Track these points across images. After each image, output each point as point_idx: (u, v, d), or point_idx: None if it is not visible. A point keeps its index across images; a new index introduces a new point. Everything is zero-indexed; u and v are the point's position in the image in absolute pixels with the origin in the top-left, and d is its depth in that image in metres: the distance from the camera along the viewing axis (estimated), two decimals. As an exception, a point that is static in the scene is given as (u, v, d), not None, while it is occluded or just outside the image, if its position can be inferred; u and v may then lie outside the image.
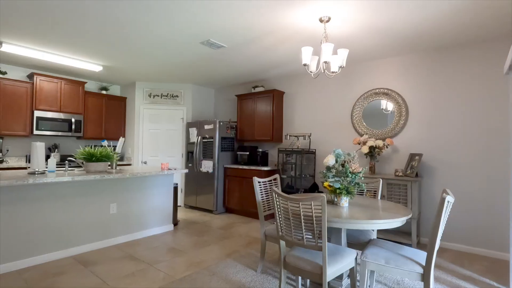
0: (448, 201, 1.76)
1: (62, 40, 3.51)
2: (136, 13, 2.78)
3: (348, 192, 2.23)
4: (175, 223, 4.23)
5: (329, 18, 2.76)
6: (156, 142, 5.69)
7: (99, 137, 5.44)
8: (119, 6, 2.64)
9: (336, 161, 2.36)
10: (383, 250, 2.07)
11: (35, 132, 4.57)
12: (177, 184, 4.35)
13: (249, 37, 3.33)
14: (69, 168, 3.51)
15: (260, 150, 4.92)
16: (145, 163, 5.63)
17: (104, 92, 5.64)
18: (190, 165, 5.45)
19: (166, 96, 5.71)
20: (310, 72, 2.88)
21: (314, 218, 1.78)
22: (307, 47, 2.67)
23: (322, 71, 2.73)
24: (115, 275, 2.58)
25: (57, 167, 4.18)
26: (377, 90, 3.98)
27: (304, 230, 1.85)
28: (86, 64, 4.41)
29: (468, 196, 3.33)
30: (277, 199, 1.96)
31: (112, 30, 3.19)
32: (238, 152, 5.19)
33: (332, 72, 2.78)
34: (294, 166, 4.48)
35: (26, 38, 3.47)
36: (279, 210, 1.97)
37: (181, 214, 5.01)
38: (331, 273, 1.82)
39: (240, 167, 4.90)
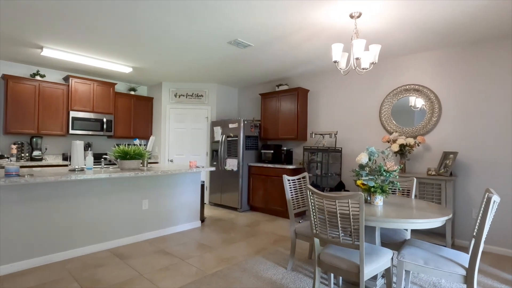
0: (494, 201, 1.69)
1: (95, 44, 3.68)
2: (167, 15, 2.86)
3: (383, 191, 2.19)
4: (202, 220, 4.32)
5: (360, 14, 2.71)
6: (182, 140, 5.83)
7: (128, 136, 5.65)
8: (152, 9, 2.73)
9: (370, 159, 2.32)
10: (420, 250, 2.01)
11: (71, 131, 4.82)
12: (203, 181, 4.44)
13: (276, 35, 3.33)
14: (104, 166, 3.67)
15: (285, 148, 4.91)
16: (171, 161, 5.78)
17: (132, 92, 5.84)
18: (214, 163, 5.53)
19: (191, 95, 5.84)
20: (340, 69, 2.85)
21: (351, 216, 1.76)
22: (338, 44, 2.63)
23: (353, 68, 2.68)
24: (150, 268, 2.68)
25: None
26: (407, 87, 3.86)
27: (340, 229, 1.83)
28: (117, 66, 4.59)
29: (509, 197, 3.16)
30: (311, 197, 1.96)
31: (143, 33, 3.30)
32: (262, 151, 5.22)
33: (363, 69, 2.73)
34: (320, 164, 4.44)
35: (63, 43, 3.66)
36: (313, 208, 1.97)
37: (207, 211, 5.11)
38: (368, 272, 1.79)
39: (265, 165, 4.92)
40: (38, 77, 4.64)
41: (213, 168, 4.06)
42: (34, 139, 4.62)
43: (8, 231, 2.55)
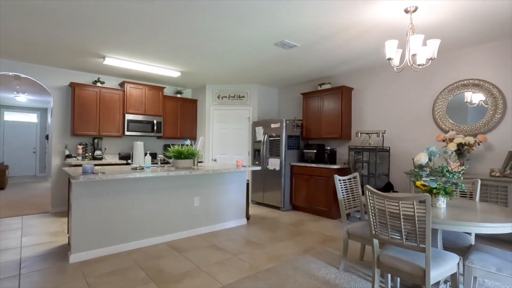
0: None
1: (150, 51, 3.96)
2: (218, 22, 3.00)
3: (446, 193, 2.09)
4: (247, 217, 4.44)
5: (416, 8, 2.61)
6: (224, 140, 6.03)
7: (175, 136, 5.98)
8: (204, 17, 2.88)
9: (430, 159, 2.23)
10: (492, 256, 1.90)
11: (126, 133, 5.23)
12: (248, 180, 4.56)
13: (323, 35, 3.32)
14: (160, 165, 3.95)
15: (328, 148, 4.86)
16: (215, 160, 6.01)
17: (178, 95, 6.17)
18: (256, 162, 5.64)
19: (233, 97, 6.01)
20: (393, 66, 2.76)
21: (416, 218, 1.72)
22: (392, 40, 2.56)
23: (409, 65, 2.59)
24: (206, 261, 2.84)
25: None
26: (465, 82, 3.61)
27: (403, 230, 1.80)
28: (167, 71, 4.89)
29: None
30: (370, 198, 1.94)
31: (193, 39, 3.48)
32: (304, 150, 5.21)
33: (419, 65, 2.62)
34: (367, 164, 4.33)
35: (123, 52, 4.00)
36: (372, 208, 1.95)
37: (250, 209, 5.23)
38: (434, 276, 1.74)
39: (307, 165, 4.91)
40: (99, 84, 5.11)
41: (258, 168, 4.15)
42: (95, 140, 5.10)
43: (84, 222, 2.86)
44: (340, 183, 2.74)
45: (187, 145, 3.77)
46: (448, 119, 3.75)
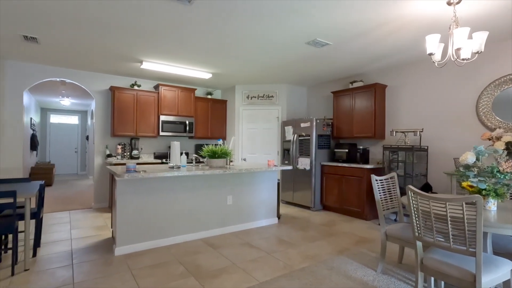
0: None
1: (183, 54, 4.11)
2: (250, 23, 3.04)
3: (497, 194, 1.97)
4: (278, 216, 4.46)
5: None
6: (254, 140, 6.09)
7: (206, 136, 6.14)
8: (237, 19, 2.94)
9: (477, 159, 2.11)
10: (551, 264, 1.76)
11: (161, 133, 5.47)
12: (279, 180, 4.58)
13: (357, 32, 3.25)
14: (195, 164, 4.09)
15: (361, 147, 4.74)
16: (245, 160, 6.09)
17: (209, 96, 6.33)
18: (286, 162, 5.64)
19: (262, 97, 6.05)
20: (435, 61, 2.64)
21: (466, 221, 1.64)
22: (434, 34, 2.45)
23: (453, 59, 2.46)
24: (241, 258, 2.90)
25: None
26: (514, 76, 3.36)
27: (451, 233, 1.72)
28: (199, 73, 5.04)
29: None
30: (413, 198, 1.88)
31: (226, 41, 3.56)
32: (335, 150, 5.12)
33: (463, 59, 2.48)
34: (403, 164, 4.17)
35: (159, 56, 4.18)
36: (415, 209, 1.89)
37: (280, 208, 5.24)
38: (485, 282, 1.65)
39: (339, 164, 4.83)
40: (135, 87, 5.38)
41: (289, 167, 4.16)
42: (133, 140, 5.39)
43: (127, 218, 3.05)
44: (377, 183, 2.68)
45: (220, 145, 3.87)
46: (494, 116, 3.51)
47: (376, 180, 2.67)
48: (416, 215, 1.89)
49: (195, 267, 2.70)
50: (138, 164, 5.03)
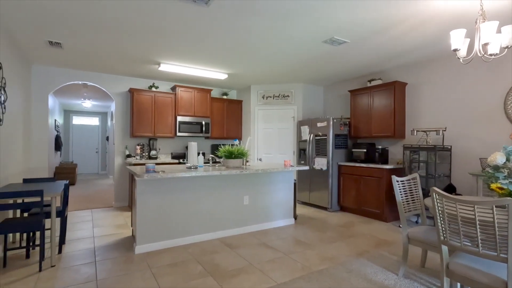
0: None
1: (200, 56, 4.15)
2: (267, 22, 3.03)
3: (530, 197, 1.86)
4: (295, 217, 4.43)
5: (487, -8, 2.35)
6: (269, 140, 6.07)
7: (221, 136, 6.19)
8: (254, 19, 2.93)
9: (508, 160, 2.01)
10: None
11: (178, 134, 5.55)
12: (295, 180, 4.54)
13: (375, 29, 3.17)
14: (212, 164, 4.13)
15: (380, 147, 4.62)
16: (260, 160, 6.09)
17: (224, 97, 6.38)
18: (302, 162, 5.59)
19: (278, 96, 6.02)
20: (459, 57, 2.53)
21: (496, 225, 1.56)
22: (459, 29, 2.35)
23: (479, 55, 2.35)
24: (258, 259, 2.90)
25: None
26: (546, 71, 3.16)
27: (479, 238, 1.64)
28: (215, 73, 5.08)
29: None
30: (438, 201, 1.81)
31: (242, 41, 3.57)
32: (353, 150, 5.02)
33: (491, 55, 2.36)
34: (424, 164, 4.03)
35: (176, 58, 4.25)
36: (441, 212, 1.82)
37: (296, 209, 5.20)
38: (518, 290, 1.56)
39: (357, 165, 4.73)
40: (153, 89, 5.50)
41: (306, 167, 4.11)
42: (151, 141, 5.50)
43: (147, 217, 3.11)
44: (398, 184, 2.60)
45: (236, 145, 3.88)
46: (524, 114, 3.33)
47: (397, 181, 2.59)
48: (442, 218, 1.82)
49: (213, 266, 2.72)
50: (156, 164, 5.14)
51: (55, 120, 7.91)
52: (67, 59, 4.37)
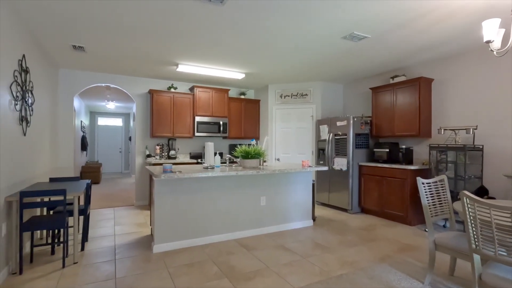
0: None
1: (216, 55, 4.14)
2: (284, 19, 2.95)
3: None
4: (314, 219, 4.32)
5: (526, -23, 2.15)
6: (287, 140, 5.98)
7: (239, 136, 6.17)
8: (270, 16, 2.87)
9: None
10: None
11: (196, 134, 5.60)
12: (314, 181, 4.43)
13: (398, 23, 3.00)
14: (229, 164, 4.11)
15: (403, 146, 4.40)
16: (278, 160, 6.01)
17: (242, 96, 6.36)
18: (321, 162, 5.46)
19: (296, 95, 5.92)
20: (492, 49, 2.33)
21: (538, 234, 1.40)
22: (492, 19, 2.16)
23: (516, 47, 2.15)
24: (275, 261, 2.84)
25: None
26: None
27: (517, 247, 1.49)
28: (232, 73, 5.07)
29: None
30: (469, 206, 1.66)
31: (259, 39, 3.51)
32: (374, 149, 4.83)
33: (529, 46, 2.15)
34: (453, 165, 3.78)
35: (192, 58, 4.27)
36: (472, 218, 1.67)
37: (316, 210, 5.08)
38: None
39: (379, 165, 4.54)
40: (172, 90, 5.58)
41: (325, 168, 3.99)
42: (170, 141, 5.59)
43: (164, 216, 3.14)
44: (424, 186, 2.44)
45: (253, 145, 3.84)
46: None
47: (423, 183, 2.44)
48: (473, 225, 1.67)
49: (229, 268, 2.69)
50: (174, 164, 5.21)
51: (81, 121, 8.26)
52: (90, 63, 4.52)
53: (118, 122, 11.30)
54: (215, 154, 5.95)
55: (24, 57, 2.98)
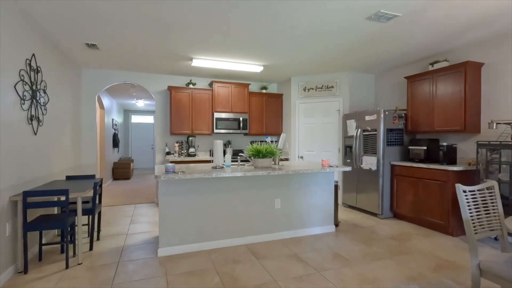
0: None
1: (231, 47, 3.87)
2: (298, 2, 2.59)
3: None
4: (336, 224, 3.91)
5: None
6: (312, 136, 5.56)
7: (261, 133, 5.89)
8: (284, 1, 2.52)
9: None
10: None
11: (215, 131, 5.43)
12: (337, 182, 4.00)
13: (437, -6, 2.47)
14: (241, 163, 3.87)
15: (445, 144, 3.78)
16: (302, 157, 5.63)
17: (263, 91, 6.05)
18: (348, 160, 4.97)
19: (321, 88, 5.46)
20: None
21: None
22: None
23: None
24: (284, 274, 2.53)
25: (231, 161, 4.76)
26: None
27: None
28: (249, 66, 4.78)
29: None
30: (528, 229, 1.21)
31: (275, 26, 3.17)
32: (409, 147, 4.24)
33: None
34: (508, 167, 3.13)
35: (206, 51, 4.06)
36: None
37: (340, 213, 4.64)
38: None
39: (414, 165, 3.96)
40: (191, 86, 5.46)
41: (349, 168, 3.56)
42: (189, 138, 5.49)
43: (169, 219, 2.99)
44: (466, 195, 1.95)
45: (267, 142, 3.53)
46: None
47: (465, 191, 1.95)
48: (533, 256, 1.22)
49: (231, 279, 2.45)
50: (193, 162, 5.10)
51: (113, 119, 8.58)
52: (107, 61, 4.54)
53: (149, 119, 11.67)
54: (233, 152, 5.74)
55: (34, 56, 2.99)
